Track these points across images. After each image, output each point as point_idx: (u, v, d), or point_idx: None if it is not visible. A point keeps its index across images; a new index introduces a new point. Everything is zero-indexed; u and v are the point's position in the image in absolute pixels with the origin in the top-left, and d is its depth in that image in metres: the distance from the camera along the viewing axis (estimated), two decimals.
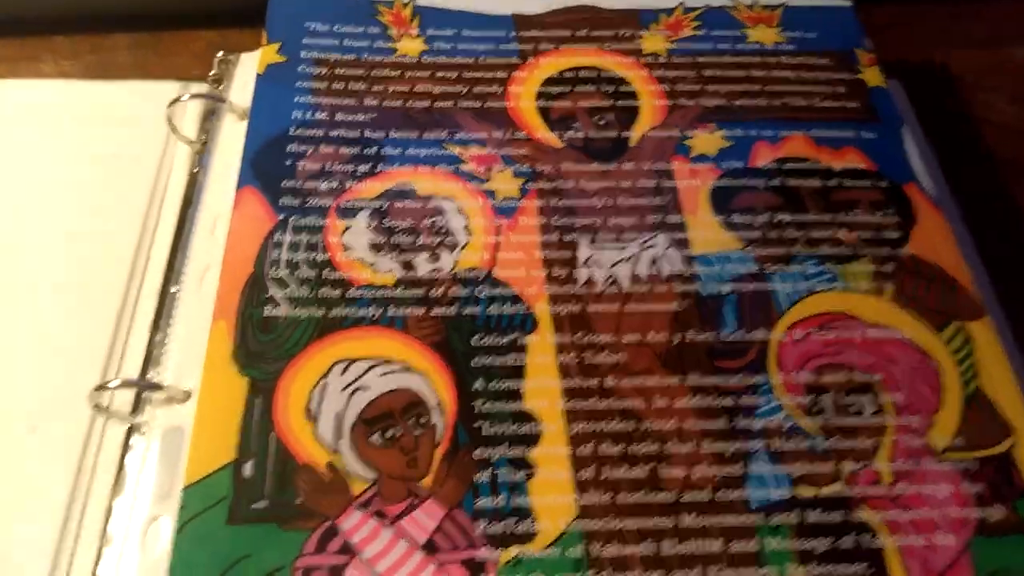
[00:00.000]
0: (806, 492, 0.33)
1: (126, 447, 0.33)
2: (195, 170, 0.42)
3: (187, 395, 0.33)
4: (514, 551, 0.31)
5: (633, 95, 0.44)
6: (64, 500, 0.32)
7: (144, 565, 0.30)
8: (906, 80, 0.48)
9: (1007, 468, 0.33)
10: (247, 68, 0.45)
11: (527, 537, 0.31)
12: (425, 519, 0.31)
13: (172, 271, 0.38)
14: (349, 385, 0.33)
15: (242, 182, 0.39)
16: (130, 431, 0.33)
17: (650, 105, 0.43)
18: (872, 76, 0.45)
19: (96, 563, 0.30)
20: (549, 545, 0.31)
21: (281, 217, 0.38)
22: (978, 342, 0.36)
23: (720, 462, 0.33)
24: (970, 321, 0.37)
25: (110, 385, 0.33)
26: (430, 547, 0.30)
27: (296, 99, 0.42)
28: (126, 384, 0.33)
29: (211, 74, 0.45)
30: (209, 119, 0.43)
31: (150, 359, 0.35)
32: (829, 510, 0.32)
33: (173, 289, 0.37)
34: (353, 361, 0.34)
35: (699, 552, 0.31)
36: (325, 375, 0.34)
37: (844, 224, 0.40)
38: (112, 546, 0.31)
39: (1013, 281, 0.41)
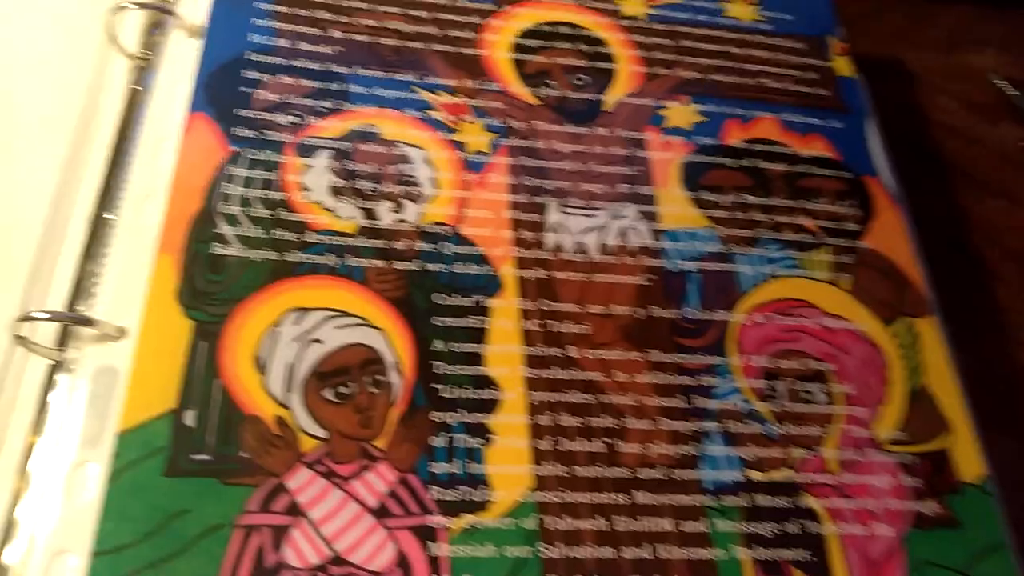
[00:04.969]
0: (756, 476, 0.33)
1: (50, 385, 0.30)
2: (135, 87, 0.38)
3: (121, 332, 0.31)
4: (467, 519, 0.29)
5: (610, 57, 0.42)
6: None
7: (69, 511, 0.27)
8: (866, 74, 0.48)
9: (942, 464, 0.34)
10: None
11: (481, 506, 0.30)
12: (377, 482, 0.29)
13: (108, 195, 0.34)
14: (303, 335, 0.31)
15: (194, 106, 0.36)
16: (54, 368, 0.30)
17: (627, 70, 0.42)
18: (842, 65, 0.45)
19: (12, 505, 0.27)
20: (503, 515, 0.30)
21: (236, 148, 0.35)
22: (924, 339, 0.37)
23: (676, 440, 0.33)
24: (918, 318, 0.38)
25: (36, 315, 0.29)
26: (381, 511, 0.29)
27: (254, 21, 0.39)
28: (55, 317, 0.30)
29: None
30: (153, 33, 0.40)
31: (80, 290, 0.32)
32: (777, 495, 0.32)
33: (108, 216, 0.34)
34: (308, 310, 0.32)
35: (651, 530, 0.31)
36: (277, 323, 0.31)
37: (807, 211, 0.40)
38: (31, 489, 0.28)
39: (952, 282, 0.41)
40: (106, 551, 0.26)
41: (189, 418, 0.29)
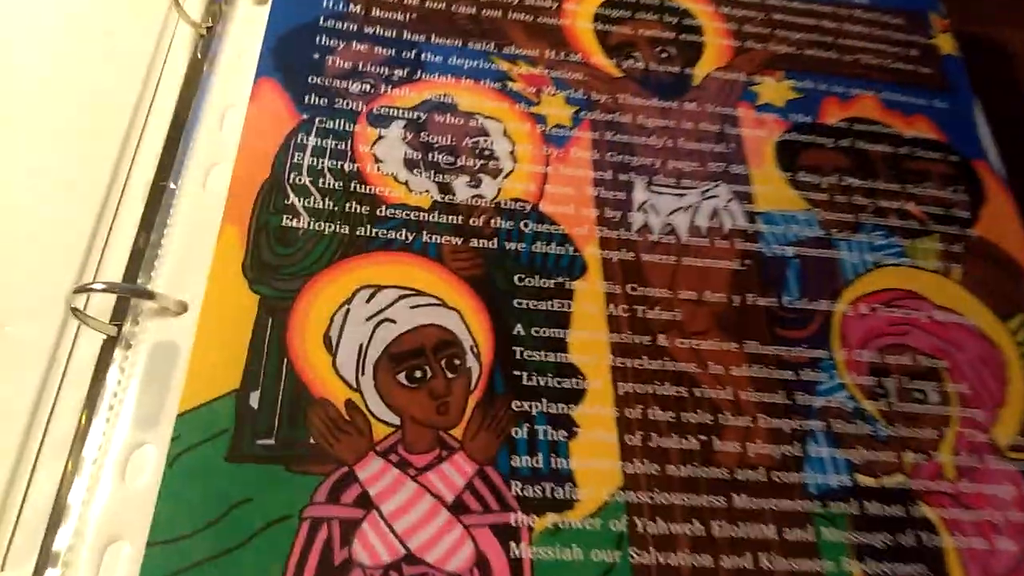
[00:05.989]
0: (866, 481, 0.29)
1: (106, 361, 0.28)
2: (199, 57, 0.36)
3: (183, 307, 0.28)
4: (551, 518, 0.27)
5: (698, 30, 0.39)
6: (27, 411, 0.27)
7: (122, 496, 0.25)
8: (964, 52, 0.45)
9: None
10: None
11: (566, 504, 0.27)
12: (454, 474, 0.27)
13: (169, 164, 0.32)
14: (375, 315, 0.29)
15: (261, 71, 0.34)
16: (111, 343, 0.28)
17: (716, 43, 0.39)
18: (945, 43, 0.42)
19: (63, 488, 0.25)
20: (590, 515, 0.27)
21: (305, 116, 0.33)
22: None
23: (778, 440, 0.30)
24: None
25: (94, 287, 0.27)
26: (458, 506, 0.26)
27: None
28: (112, 288, 0.28)
29: None
30: (216, 1, 0.38)
31: (140, 262, 0.30)
32: (890, 503, 0.29)
33: (170, 186, 0.32)
34: (380, 288, 0.30)
35: (752, 537, 0.28)
36: (348, 300, 0.29)
37: (913, 196, 0.36)
38: (83, 472, 0.26)
39: None
40: (162, 540, 0.24)
41: (254, 400, 0.27)
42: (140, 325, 0.28)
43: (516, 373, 0.29)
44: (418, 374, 0.28)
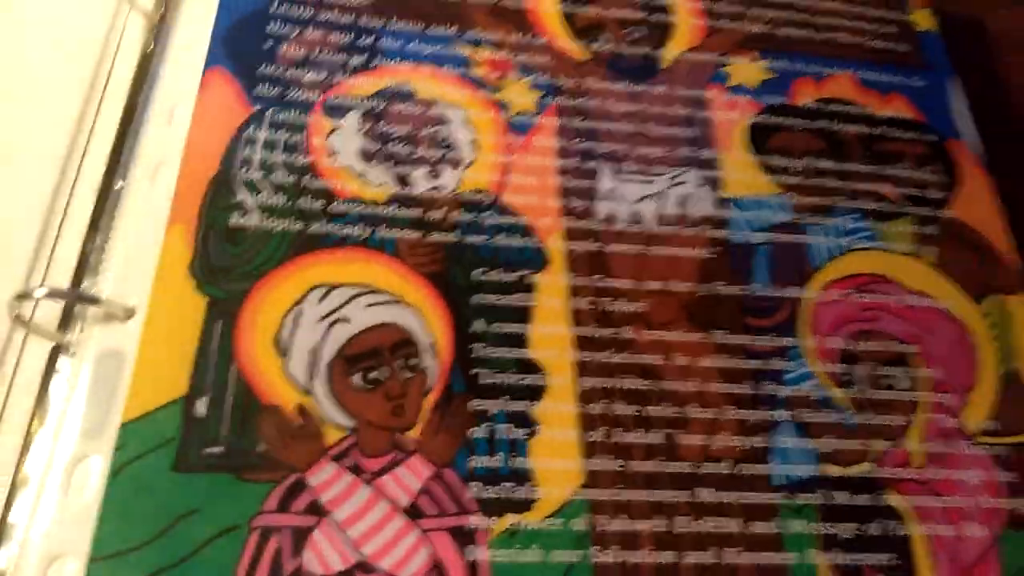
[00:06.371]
0: (833, 471, 0.29)
1: (51, 370, 0.27)
2: (149, 48, 0.35)
3: (130, 312, 0.28)
4: (510, 520, 0.26)
5: (668, 9, 0.38)
6: None
7: (67, 512, 0.24)
8: (943, 33, 0.43)
9: None
10: None
11: (525, 504, 0.27)
12: (410, 478, 0.26)
13: (117, 164, 0.31)
14: (328, 315, 0.28)
15: (211, 61, 0.32)
16: (56, 351, 0.27)
17: (687, 23, 0.38)
18: (923, 19, 0.41)
19: (5, 508, 0.25)
20: (550, 515, 0.27)
21: (256, 108, 0.32)
22: (1017, 318, 0.33)
23: (743, 431, 0.29)
24: (1010, 295, 0.34)
25: (35, 294, 0.27)
26: (414, 511, 0.26)
27: None
28: (55, 294, 0.27)
29: None
30: None
31: (85, 266, 0.29)
32: (856, 492, 0.29)
33: (117, 185, 0.31)
34: (334, 287, 0.29)
35: (716, 531, 0.27)
36: (300, 301, 0.28)
37: (887, 178, 0.35)
38: (28, 487, 0.25)
39: None
40: (105, 555, 0.24)
41: (201, 407, 0.26)
42: (86, 332, 0.27)
43: (473, 372, 0.28)
44: (373, 375, 0.28)
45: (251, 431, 0.26)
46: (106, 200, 0.30)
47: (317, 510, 0.25)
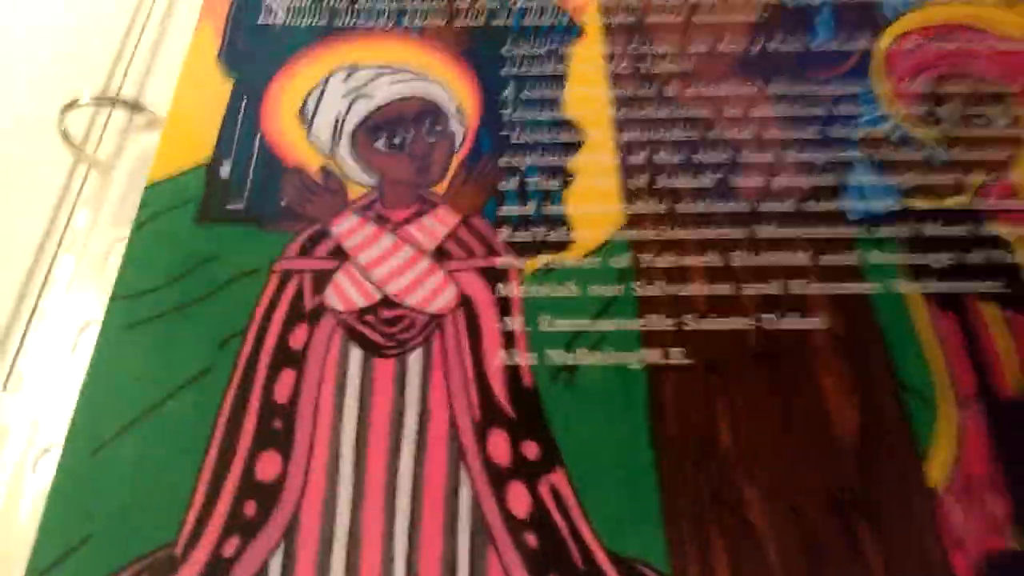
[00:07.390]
0: (921, 204, 0.25)
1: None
2: None
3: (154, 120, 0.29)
4: (543, 259, 0.25)
5: None
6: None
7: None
8: None
9: None
10: None
11: (560, 246, 0.25)
12: (436, 225, 0.25)
13: None
14: (352, 91, 0.28)
15: None
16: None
17: None
18: None
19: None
20: (588, 254, 0.25)
21: None
22: None
23: (808, 172, 0.26)
24: None
25: (81, 100, 0.28)
26: (440, 254, 0.25)
27: None
28: (102, 101, 0.28)
29: None
30: None
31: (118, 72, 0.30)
32: (951, 223, 0.25)
33: None
34: (358, 67, 0.29)
35: (779, 264, 0.24)
36: (326, 80, 0.28)
37: None
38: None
39: None
40: (126, 295, 0.24)
41: (225, 169, 0.26)
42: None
43: (504, 133, 0.27)
44: (397, 140, 0.27)
45: (274, 190, 0.26)
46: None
47: (340, 255, 0.25)
